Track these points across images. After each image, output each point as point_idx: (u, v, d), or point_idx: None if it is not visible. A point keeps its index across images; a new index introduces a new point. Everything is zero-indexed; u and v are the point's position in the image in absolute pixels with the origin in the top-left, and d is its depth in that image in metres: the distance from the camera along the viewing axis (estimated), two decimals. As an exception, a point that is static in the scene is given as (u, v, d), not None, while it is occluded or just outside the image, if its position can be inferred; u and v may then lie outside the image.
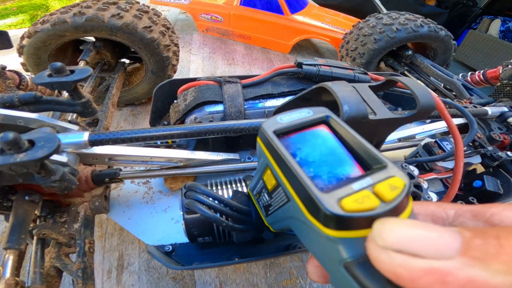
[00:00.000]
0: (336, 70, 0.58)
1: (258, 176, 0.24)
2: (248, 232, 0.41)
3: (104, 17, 0.69)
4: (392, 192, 0.14)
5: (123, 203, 0.55)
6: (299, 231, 0.19)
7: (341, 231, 0.13)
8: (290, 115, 0.19)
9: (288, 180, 0.17)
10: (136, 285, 0.63)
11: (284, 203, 0.19)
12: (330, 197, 0.14)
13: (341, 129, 0.19)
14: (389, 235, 0.12)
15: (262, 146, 0.19)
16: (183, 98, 0.56)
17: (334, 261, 0.15)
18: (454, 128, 0.49)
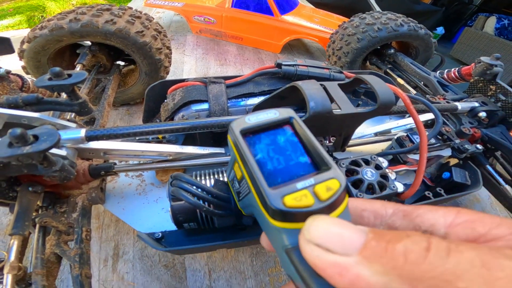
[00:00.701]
0: (312, 69, 0.63)
1: (230, 166, 0.27)
2: (228, 217, 0.46)
3: (99, 23, 0.74)
4: (327, 192, 0.16)
5: (118, 194, 0.61)
6: (257, 217, 0.22)
7: (283, 223, 0.16)
8: (257, 115, 0.20)
9: (248, 175, 0.19)
10: (130, 272, 0.68)
11: (247, 193, 0.22)
12: (275, 194, 0.16)
13: (301, 130, 0.20)
14: (314, 230, 0.14)
15: (230, 142, 0.21)
16: (171, 98, 0.61)
17: (279, 246, 0.17)
18: (419, 122, 0.54)
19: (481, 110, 0.70)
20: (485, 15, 2.99)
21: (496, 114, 0.72)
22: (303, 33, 1.36)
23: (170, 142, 0.60)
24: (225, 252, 0.74)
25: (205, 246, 0.45)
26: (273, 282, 0.70)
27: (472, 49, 2.81)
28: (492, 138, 0.69)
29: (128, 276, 0.67)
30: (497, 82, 0.73)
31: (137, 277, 0.68)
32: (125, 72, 1.00)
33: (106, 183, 0.62)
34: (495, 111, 0.72)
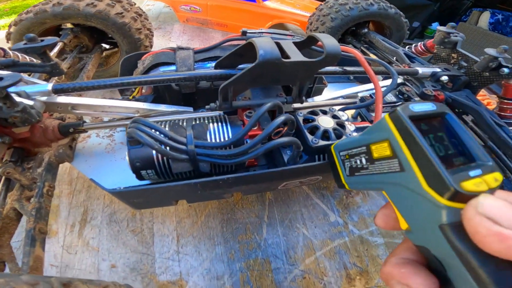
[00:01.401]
0: (276, 36, 0.67)
1: (362, 143, 0.29)
2: (184, 161, 0.48)
3: (80, 6, 0.79)
4: (495, 182, 0.19)
5: (87, 153, 0.64)
6: (395, 194, 0.24)
7: (452, 202, 0.19)
8: (419, 106, 0.23)
9: (414, 156, 0.21)
10: (96, 238, 0.69)
11: (392, 171, 0.24)
12: (454, 178, 0.18)
13: (457, 125, 0.23)
14: (488, 206, 0.16)
15: (390, 124, 0.23)
16: (142, 63, 0.64)
17: (431, 221, 0.20)
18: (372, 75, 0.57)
19: (442, 74, 0.73)
20: (479, 10, 3.02)
21: (459, 79, 0.75)
22: (285, 18, 1.41)
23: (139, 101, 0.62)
24: (195, 218, 0.76)
25: (155, 188, 0.47)
26: (243, 249, 0.72)
27: (467, 44, 2.82)
28: (456, 100, 0.71)
29: (93, 241, 0.69)
30: (458, 50, 0.76)
31: (102, 242, 0.69)
32: (108, 54, 1.04)
33: (76, 142, 0.64)
34: (458, 76, 0.75)
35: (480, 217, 0.16)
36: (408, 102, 0.24)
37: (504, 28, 2.97)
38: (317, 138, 0.50)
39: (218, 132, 0.52)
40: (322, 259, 0.72)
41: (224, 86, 0.49)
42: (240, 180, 0.49)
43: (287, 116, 0.47)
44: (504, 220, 0.16)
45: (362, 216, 0.82)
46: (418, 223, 0.22)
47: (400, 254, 0.23)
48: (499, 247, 0.15)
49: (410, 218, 0.23)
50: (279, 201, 0.81)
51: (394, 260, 0.22)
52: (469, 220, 0.17)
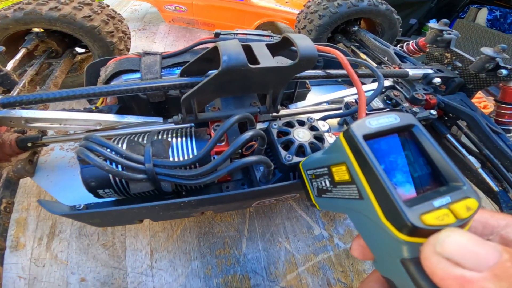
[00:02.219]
0: (252, 37, 0.61)
1: (324, 163, 0.26)
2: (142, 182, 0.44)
3: (42, 10, 0.74)
4: (467, 212, 0.16)
5: (49, 167, 0.59)
6: (358, 222, 0.22)
7: (411, 237, 0.16)
8: (378, 119, 0.20)
9: (370, 184, 0.19)
10: (65, 251, 0.66)
11: (352, 198, 0.21)
12: (413, 211, 0.16)
13: (425, 140, 0.20)
14: (449, 245, 0.14)
15: (344, 145, 0.20)
16: (104, 70, 0.59)
17: (392, 255, 0.18)
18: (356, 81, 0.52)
19: (435, 76, 0.67)
20: (477, 6, 2.96)
21: (453, 81, 0.69)
22: (273, 16, 1.35)
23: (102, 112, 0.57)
24: (170, 232, 0.71)
25: (110, 211, 0.42)
26: (220, 264, 0.68)
27: (465, 40, 2.77)
28: (448, 104, 0.66)
29: (62, 255, 0.65)
30: (451, 50, 0.71)
31: (71, 255, 0.66)
32: (83, 58, 0.98)
33: (38, 156, 0.60)
34: (452, 77, 0.70)
35: (438, 258, 0.15)
36: (366, 117, 0.20)
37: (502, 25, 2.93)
38: (291, 154, 0.45)
39: (182, 148, 0.47)
40: (305, 275, 0.68)
41: (186, 97, 0.44)
42: (205, 201, 0.45)
43: (255, 132, 0.41)
44: (467, 260, 0.14)
45: (349, 228, 0.77)
46: (381, 254, 0.20)
47: (369, 286, 0.22)
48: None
49: (374, 248, 0.21)
50: (261, 214, 0.77)
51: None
52: (425, 259, 0.15)
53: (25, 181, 0.76)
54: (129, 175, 0.42)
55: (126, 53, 0.94)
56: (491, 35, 2.55)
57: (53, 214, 0.42)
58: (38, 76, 0.80)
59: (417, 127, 0.20)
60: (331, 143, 0.50)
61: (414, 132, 0.20)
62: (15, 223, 0.70)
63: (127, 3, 1.87)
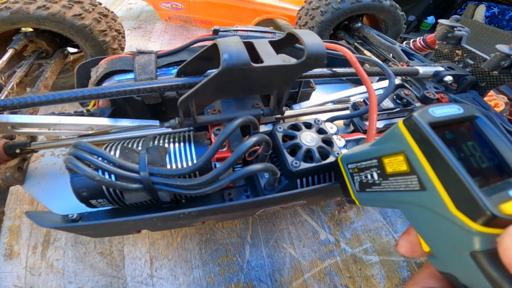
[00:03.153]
0: (253, 33, 0.57)
1: (372, 155, 0.25)
2: (138, 191, 0.40)
3: (30, 9, 0.70)
4: None
5: (40, 175, 0.56)
6: (414, 215, 0.21)
7: (487, 228, 0.16)
8: (441, 109, 0.20)
9: (437, 174, 0.18)
10: (61, 259, 0.63)
11: (410, 189, 0.21)
12: (491, 200, 0.16)
13: (490, 131, 0.20)
14: None
15: (405, 133, 0.20)
16: (95, 71, 0.55)
17: (459, 248, 0.17)
18: (366, 80, 0.48)
19: (446, 74, 0.64)
20: (475, 3, 2.93)
21: (465, 79, 0.66)
22: (273, 13, 1.31)
23: (94, 115, 0.54)
24: (170, 239, 0.68)
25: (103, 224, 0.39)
26: (223, 272, 0.65)
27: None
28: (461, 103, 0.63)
29: (58, 263, 0.62)
30: (463, 46, 0.68)
31: (68, 264, 0.62)
32: (76, 58, 0.94)
33: (28, 162, 0.56)
34: (464, 75, 0.66)
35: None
36: (427, 106, 0.20)
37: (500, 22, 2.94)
38: (299, 160, 0.42)
39: (180, 154, 0.43)
40: (311, 282, 0.65)
41: (183, 99, 0.40)
42: (207, 212, 0.41)
43: (259, 137, 0.38)
44: None
45: (356, 232, 0.74)
46: (443, 248, 0.19)
47: (422, 282, 0.21)
48: None
49: (434, 243, 0.20)
50: (264, 219, 0.73)
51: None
52: (506, 250, 0.15)
53: (17, 188, 0.73)
54: (123, 185, 0.38)
55: (120, 53, 0.90)
56: (489, 32, 2.54)
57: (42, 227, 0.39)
58: (28, 78, 0.76)
59: (481, 118, 0.20)
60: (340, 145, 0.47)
61: (478, 124, 0.20)
62: (8, 231, 0.67)
63: (122, 2, 1.82)
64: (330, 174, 0.45)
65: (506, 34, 2.41)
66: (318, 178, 0.45)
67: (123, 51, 0.91)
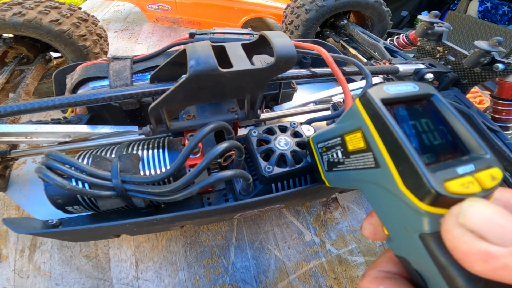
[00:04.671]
0: (230, 36, 0.57)
1: (336, 133, 0.25)
2: (111, 198, 0.40)
3: (5, 16, 0.69)
4: (492, 182, 0.15)
5: (22, 181, 0.56)
6: (372, 195, 0.21)
7: (434, 207, 0.15)
8: (396, 86, 0.19)
9: (388, 149, 0.18)
10: (48, 263, 0.63)
11: (367, 167, 0.20)
12: (436, 177, 0.15)
13: (445, 109, 0.19)
14: (474, 216, 0.13)
15: (361, 109, 0.20)
16: (70, 78, 0.55)
17: (410, 229, 0.17)
18: (342, 80, 0.48)
19: (426, 72, 0.64)
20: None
21: (447, 76, 0.66)
22: (260, 12, 1.30)
23: (71, 123, 0.54)
24: (155, 242, 0.68)
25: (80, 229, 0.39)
26: (208, 274, 0.65)
27: (457, 32, 2.76)
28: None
29: (45, 266, 0.63)
30: (443, 43, 0.67)
31: (54, 267, 0.63)
32: (59, 62, 0.93)
33: (10, 170, 0.57)
34: (445, 72, 0.66)
35: (461, 230, 0.14)
36: (383, 83, 0.20)
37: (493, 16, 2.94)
38: (272, 165, 0.42)
39: (154, 161, 0.43)
40: (296, 283, 0.65)
41: (153, 106, 0.40)
42: (181, 218, 0.41)
43: (230, 143, 0.38)
44: (492, 233, 0.13)
45: (341, 233, 0.74)
46: (397, 230, 0.19)
47: (381, 266, 0.21)
48: (483, 268, 0.13)
49: (389, 224, 0.20)
50: (249, 221, 0.74)
51: (373, 274, 0.20)
52: (446, 232, 0.14)
53: (3, 194, 0.73)
54: (95, 193, 0.38)
55: (103, 57, 0.90)
56: (483, 27, 2.54)
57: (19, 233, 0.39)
58: (10, 84, 0.75)
59: (437, 96, 0.20)
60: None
61: (434, 101, 0.20)
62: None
63: (110, 3, 1.80)
64: (305, 178, 0.45)
65: (500, 29, 2.42)
66: (294, 182, 0.45)
67: (106, 55, 0.90)
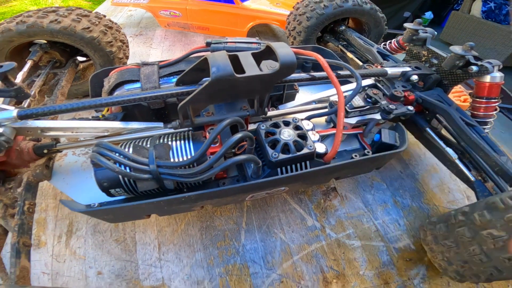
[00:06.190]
0: (241, 45, 0.66)
1: None
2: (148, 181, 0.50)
3: (43, 23, 0.78)
4: None
5: (64, 171, 0.65)
6: None
7: None
8: None
9: None
10: (82, 247, 0.72)
11: None
12: None
13: None
14: None
15: None
16: (107, 81, 0.65)
17: None
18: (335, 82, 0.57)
19: (412, 73, 0.72)
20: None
21: (430, 78, 0.75)
22: (265, 18, 1.39)
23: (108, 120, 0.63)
24: (175, 226, 0.77)
25: (121, 207, 0.48)
26: (222, 255, 0.73)
27: (461, 32, 2.77)
28: (426, 100, 0.71)
29: (80, 251, 0.72)
30: (427, 47, 0.76)
31: (88, 251, 0.72)
32: (85, 66, 1.04)
33: (53, 161, 0.66)
34: (429, 74, 0.75)
35: None
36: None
37: (497, 16, 2.90)
38: (277, 152, 0.51)
39: (181, 150, 0.53)
40: (299, 263, 0.74)
41: (182, 105, 0.50)
42: (203, 196, 0.51)
43: (244, 133, 0.47)
44: None
45: (340, 219, 0.82)
46: None
47: None
48: None
49: None
50: (257, 208, 0.83)
51: None
52: None
53: (41, 184, 0.82)
54: (136, 175, 0.48)
55: (125, 61, 1.00)
56: (486, 27, 2.57)
57: (74, 211, 0.48)
58: (45, 86, 0.85)
59: None
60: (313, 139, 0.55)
61: None
62: (36, 223, 0.76)
63: (122, 9, 1.91)
64: (305, 164, 0.54)
65: (504, 29, 2.42)
66: (296, 167, 0.54)
67: (127, 59, 1.00)
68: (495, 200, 0.51)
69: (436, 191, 0.92)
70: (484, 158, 0.65)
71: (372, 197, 0.88)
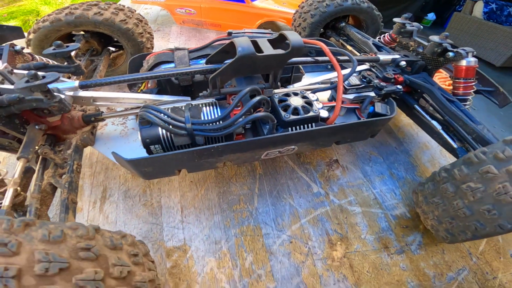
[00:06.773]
0: (257, 35, 0.80)
1: None
2: (183, 136, 0.62)
3: (89, 15, 0.92)
4: None
5: (105, 138, 0.78)
6: None
7: None
8: None
9: None
10: (114, 212, 0.82)
11: None
12: None
13: None
14: None
15: None
16: (146, 62, 0.78)
17: None
18: (335, 64, 0.70)
19: (400, 60, 0.85)
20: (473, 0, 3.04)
21: (417, 64, 0.87)
22: (273, 16, 1.53)
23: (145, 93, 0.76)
24: (196, 191, 0.89)
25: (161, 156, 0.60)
26: (237, 217, 0.84)
27: (463, 33, 2.77)
28: (412, 81, 0.83)
29: (112, 216, 0.82)
30: (414, 39, 0.88)
31: (119, 215, 0.82)
32: (115, 56, 1.18)
33: (96, 129, 0.79)
34: (415, 61, 0.87)
35: None
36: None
37: (499, 17, 2.92)
38: (289, 114, 0.64)
39: (210, 113, 0.66)
40: (307, 226, 0.83)
41: (213, 77, 0.63)
42: (228, 147, 0.63)
43: (261, 97, 0.60)
44: None
45: (342, 187, 0.93)
46: None
47: None
48: None
49: None
50: (268, 175, 0.95)
51: None
52: None
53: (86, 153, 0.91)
54: (175, 130, 0.60)
55: (151, 51, 1.13)
56: (488, 28, 2.60)
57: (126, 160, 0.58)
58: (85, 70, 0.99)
59: None
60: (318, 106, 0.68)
61: None
62: None
63: (138, 7, 2.06)
64: (311, 124, 0.67)
65: (505, 30, 2.44)
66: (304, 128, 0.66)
67: (153, 49, 1.14)
68: (470, 156, 0.59)
69: (427, 165, 1.02)
70: (463, 127, 0.75)
71: (370, 169, 0.99)
